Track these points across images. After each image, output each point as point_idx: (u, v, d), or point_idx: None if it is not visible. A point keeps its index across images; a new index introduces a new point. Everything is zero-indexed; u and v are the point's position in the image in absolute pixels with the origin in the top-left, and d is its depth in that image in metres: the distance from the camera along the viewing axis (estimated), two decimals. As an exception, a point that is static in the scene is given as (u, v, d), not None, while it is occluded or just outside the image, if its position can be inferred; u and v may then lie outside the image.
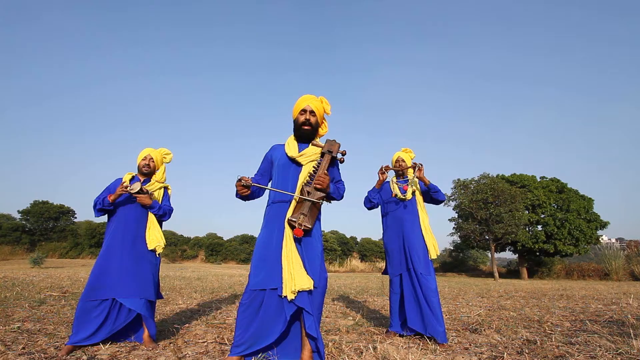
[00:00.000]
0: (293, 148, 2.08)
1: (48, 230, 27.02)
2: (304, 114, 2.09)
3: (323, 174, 1.95)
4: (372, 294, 6.06)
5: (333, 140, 2.08)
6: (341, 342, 2.48)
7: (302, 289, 1.78)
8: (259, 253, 1.94)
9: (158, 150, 2.76)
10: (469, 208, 14.16)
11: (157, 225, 2.59)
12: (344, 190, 2.16)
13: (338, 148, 2.06)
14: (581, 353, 2.20)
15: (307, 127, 2.08)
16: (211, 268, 18.62)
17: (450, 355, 2.19)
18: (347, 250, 30.24)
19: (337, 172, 2.19)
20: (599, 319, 3.48)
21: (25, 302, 3.83)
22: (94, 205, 2.50)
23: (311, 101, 2.10)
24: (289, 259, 1.85)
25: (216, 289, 6.37)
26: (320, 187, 1.93)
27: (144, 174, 2.66)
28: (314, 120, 2.10)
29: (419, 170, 2.85)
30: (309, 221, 1.89)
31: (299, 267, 1.83)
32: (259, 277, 1.87)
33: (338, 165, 2.20)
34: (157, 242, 2.52)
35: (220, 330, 2.85)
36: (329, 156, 2.03)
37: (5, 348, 2.16)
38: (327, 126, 2.24)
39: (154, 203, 2.56)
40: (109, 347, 2.26)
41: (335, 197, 2.07)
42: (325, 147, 2.05)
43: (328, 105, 2.18)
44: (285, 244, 1.88)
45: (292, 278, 1.79)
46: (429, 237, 2.80)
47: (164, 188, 2.73)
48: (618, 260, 14.31)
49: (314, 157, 2.06)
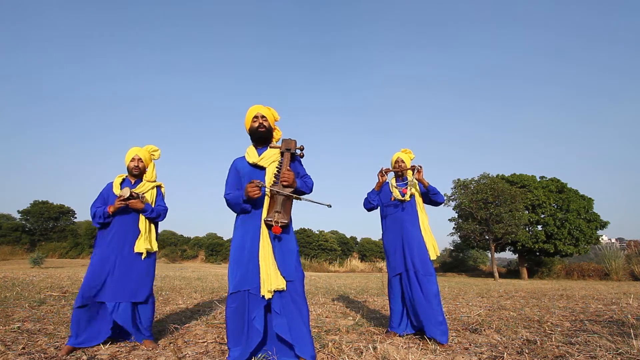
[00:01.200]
0: (253, 154, 2.18)
1: (48, 230, 27.02)
2: (256, 120, 2.21)
3: (287, 170, 2.03)
4: (372, 294, 6.06)
5: (288, 139, 2.18)
6: (341, 342, 2.48)
7: (277, 288, 1.87)
8: (234, 256, 2.02)
9: (145, 148, 2.69)
10: (469, 208, 14.17)
11: (149, 228, 2.52)
12: (312, 183, 2.22)
13: (295, 144, 2.16)
14: (581, 353, 2.20)
15: (262, 129, 2.19)
16: (211, 268, 18.63)
17: (450, 355, 2.20)
18: (347, 250, 30.23)
19: (301, 168, 2.28)
20: (599, 319, 3.48)
21: (25, 302, 3.83)
22: (93, 217, 2.47)
23: (260, 109, 2.24)
24: (265, 259, 1.92)
25: (216, 289, 6.37)
26: (287, 183, 2.00)
27: (135, 175, 2.63)
28: (267, 123, 2.22)
29: (418, 172, 2.85)
30: (284, 217, 1.97)
31: (274, 268, 1.91)
32: (236, 279, 1.95)
33: (300, 161, 2.29)
34: (144, 246, 2.45)
35: (220, 330, 2.85)
36: (288, 154, 2.12)
37: (5, 348, 2.16)
38: (280, 131, 2.35)
39: (147, 206, 2.51)
40: (109, 347, 2.26)
41: (304, 190, 2.14)
42: (283, 146, 2.15)
43: (276, 112, 2.31)
44: (262, 245, 1.96)
45: (268, 278, 1.88)
46: (429, 237, 2.80)
47: (156, 187, 2.68)
48: (618, 260, 14.31)
49: (274, 159, 2.15)
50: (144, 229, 2.50)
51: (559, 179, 16.79)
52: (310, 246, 27.04)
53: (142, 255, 2.46)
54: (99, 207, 2.49)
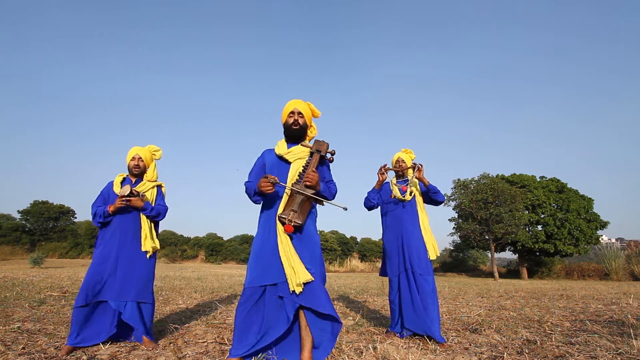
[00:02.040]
0: (282, 147, 2.13)
1: (48, 230, 27.04)
2: (292, 115, 2.14)
3: (312, 171, 1.97)
4: (372, 294, 6.06)
5: (321, 140, 2.12)
6: (341, 342, 2.48)
7: (305, 281, 1.80)
8: (254, 251, 1.98)
9: (146, 147, 2.70)
10: (469, 208, 14.17)
11: (151, 226, 2.54)
12: (335, 190, 2.17)
13: (327, 147, 2.09)
14: (581, 353, 2.20)
15: (296, 127, 2.12)
16: (211, 268, 18.63)
17: (450, 355, 2.20)
18: (347, 250, 30.24)
19: (328, 172, 2.21)
20: (599, 319, 3.48)
21: (25, 302, 3.83)
22: (93, 216, 2.48)
23: (298, 104, 2.16)
24: (287, 254, 1.87)
25: (216, 289, 6.37)
26: (310, 184, 1.94)
27: (135, 175, 2.64)
28: (302, 121, 2.14)
29: (419, 171, 2.85)
30: (299, 217, 1.89)
31: (297, 263, 1.84)
32: (253, 274, 1.91)
33: (328, 165, 2.22)
34: (150, 244, 2.49)
35: (220, 330, 2.85)
36: (317, 155, 2.06)
37: (5, 348, 2.16)
38: (316, 129, 2.28)
39: (146, 205, 2.52)
40: (109, 347, 2.26)
41: (326, 196, 2.09)
42: (314, 147, 2.09)
43: (316, 109, 2.23)
44: (279, 240, 1.91)
45: (294, 272, 1.82)
46: (429, 237, 2.80)
47: (157, 187, 2.69)
48: (618, 260, 14.31)
49: (301, 156, 2.08)
50: (147, 227, 2.51)
51: (559, 179, 16.80)
52: (310, 246, 26.99)
53: (148, 254, 2.48)
54: (100, 207, 2.50)
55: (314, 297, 1.82)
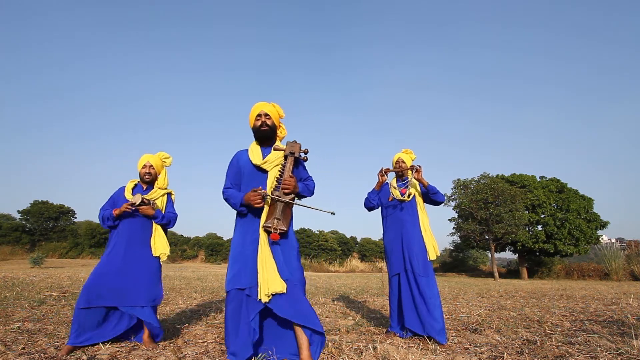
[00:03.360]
0: (257, 155, 2.13)
1: (48, 230, 27.02)
2: (259, 118, 2.17)
3: (289, 177, 2.00)
4: (372, 294, 6.06)
5: (293, 142, 2.15)
6: (341, 342, 2.48)
7: (275, 292, 1.83)
8: (232, 254, 2.02)
9: (157, 155, 2.73)
10: (469, 208, 14.17)
11: (161, 232, 2.58)
12: (313, 186, 2.21)
13: (299, 148, 2.12)
14: (581, 353, 2.20)
15: (265, 128, 2.15)
16: (211, 268, 18.63)
17: (450, 355, 2.20)
18: (347, 250, 30.24)
19: (304, 171, 2.25)
20: (599, 319, 3.48)
21: (25, 302, 3.83)
22: (102, 220, 2.51)
23: (264, 106, 2.19)
24: (263, 264, 1.89)
25: (216, 289, 6.37)
26: (289, 191, 1.98)
27: (146, 182, 2.66)
28: (270, 122, 2.17)
29: (417, 172, 2.85)
30: (283, 224, 1.94)
31: (272, 272, 1.87)
32: (229, 275, 1.96)
33: (303, 163, 2.25)
34: (162, 249, 2.53)
35: (220, 330, 2.85)
36: (291, 158, 2.08)
37: (5, 348, 2.16)
38: (285, 129, 2.31)
39: (157, 213, 2.55)
40: (109, 347, 2.26)
41: (305, 194, 2.14)
42: (287, 150, 2.10)
43: (281, 109, 2.26)
44: (260, 249, 1.93)
45: (266, 283, 1.84)
46: (429, 238, 2.80)
47: (167, 194, 2.72)
48: (618, 260, 14.30)
49: (278, 162, 2.11)
50: (159, 233, 2.56)
51: (559, 179, 16.79)
52: (310, 246, 27.03)
53: (162, 258, 2.53)
54: (107, 210, 2.53)
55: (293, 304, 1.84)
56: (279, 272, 1.89)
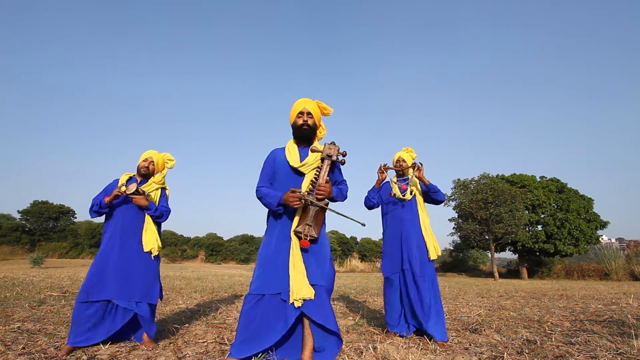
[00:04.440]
0: (294, 156, 2.07)
1: (48, 230, 27.02)
2: (301, 116, 2.09)
3: (324, 182, 1.94)
4: (372, 294, 6.06)
5: (331, 144, 2.07)
6: (341, 342, 2.47)
7: (304, 298, 1.80)
8: (259, 259, 1.99)
9: (162, 154, 2.74)
10: (469, 208, 14.17)
11: (153, 227, 2.56)
12: (346, 190, 2.17)
13: (337, 151, 2.05)
14: (581, 353, 2.20)
15: (306, 128, 2.08)
16: (211, 268, 18.63)
17: (450, 355, 2.19)
18: (347, 250, 30.24)
19: (339, 174, 2.20)
20: (599, 319, 3.47)
21: (25, 302, 3.83)
22: (91, 206, 2.49)
23: (308, 104, 2.11)
24: (295, 268, 1.86)
25: (216, 289, 6.37)
26: (323, 197, 1.91)
27: (142, 175, 2.66)
28: (312, 121, 2.10)
29: (418, 170, 2.84)
30: (314, 231, 1.90)
31: (302, 277, 1.84)
32: (257, 282, 1.92)
33: (339, 166, 2.20)
34: (152, 244, 2.50)
35: (220, 330, 2.85)
36: (328, 161, 2.01)
37: (5, 348, 2.16)
38: (325, 129, 2.25)
39: (151, 204, 2.54)
40: (109, 347, 2.26)
41: (339, 199, 2.09)
42: (324, 152, 2.03)
43: (327, 107, 2.19)
44: (292, 253, 1.90)
45: (297, 287, 1.82)
46: (429, 237, 2.79)
47: (161, 189, 2.71)
48: (618, 260, 14.31)
49: (315, 165, 2.05)
50: (150, 227, 2.54)
51: (559, 179, 16.80)
52: (310, 246, 26.99)
53: (152, 253, 2.50)
54: (98, 197, 2.52)
55: (318, 308, 1.82)
56: (308, 277, 1.86)
